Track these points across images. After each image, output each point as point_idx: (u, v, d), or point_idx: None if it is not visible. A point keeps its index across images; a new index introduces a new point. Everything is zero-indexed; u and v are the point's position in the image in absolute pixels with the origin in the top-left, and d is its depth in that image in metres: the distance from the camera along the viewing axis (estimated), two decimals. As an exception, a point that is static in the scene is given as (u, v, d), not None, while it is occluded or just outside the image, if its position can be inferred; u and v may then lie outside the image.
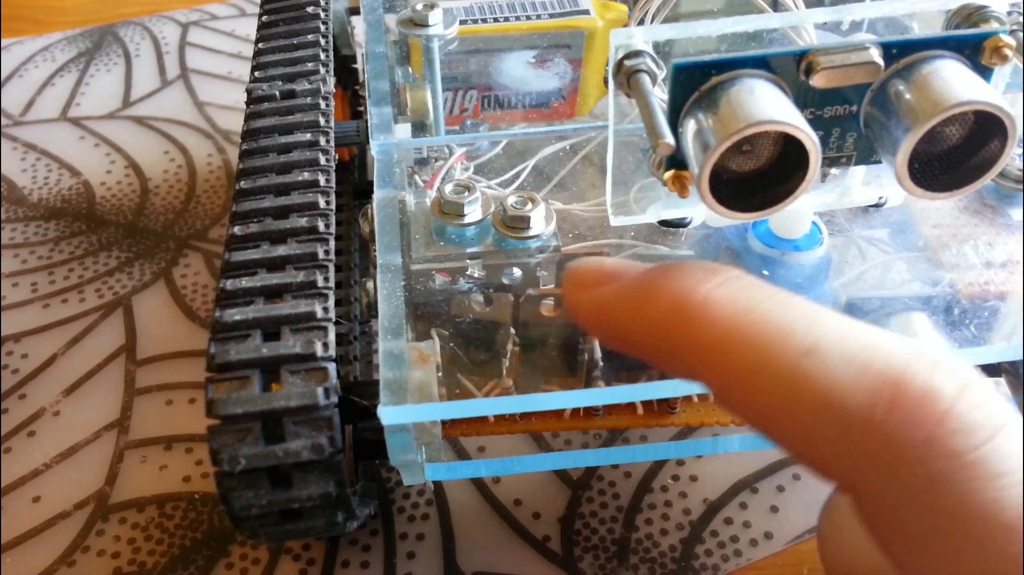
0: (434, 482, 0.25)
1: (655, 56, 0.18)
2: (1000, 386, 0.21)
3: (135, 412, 0.27)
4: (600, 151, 0.27)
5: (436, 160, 0.27)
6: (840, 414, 0.13)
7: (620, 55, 0.18)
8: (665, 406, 0.21)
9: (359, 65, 0.37)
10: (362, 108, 0.36)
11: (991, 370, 0.20)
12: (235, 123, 0.39)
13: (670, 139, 0.16)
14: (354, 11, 0.34)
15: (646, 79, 0.17)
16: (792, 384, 0.13)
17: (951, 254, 0.21)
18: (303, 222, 0.20)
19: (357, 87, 0.37)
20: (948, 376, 0.13)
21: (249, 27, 0.46)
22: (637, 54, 0.18)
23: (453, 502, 0.25)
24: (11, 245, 0.33)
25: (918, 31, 0.21)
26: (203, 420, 0.27)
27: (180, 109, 0.40)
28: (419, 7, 0.29)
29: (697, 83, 0.17)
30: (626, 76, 0.18)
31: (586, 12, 0.31)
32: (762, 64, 0.17)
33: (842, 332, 0.14)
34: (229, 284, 0.18)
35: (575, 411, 0.21)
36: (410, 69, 0.30)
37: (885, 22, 0.20)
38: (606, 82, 0.34)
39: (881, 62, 0.17)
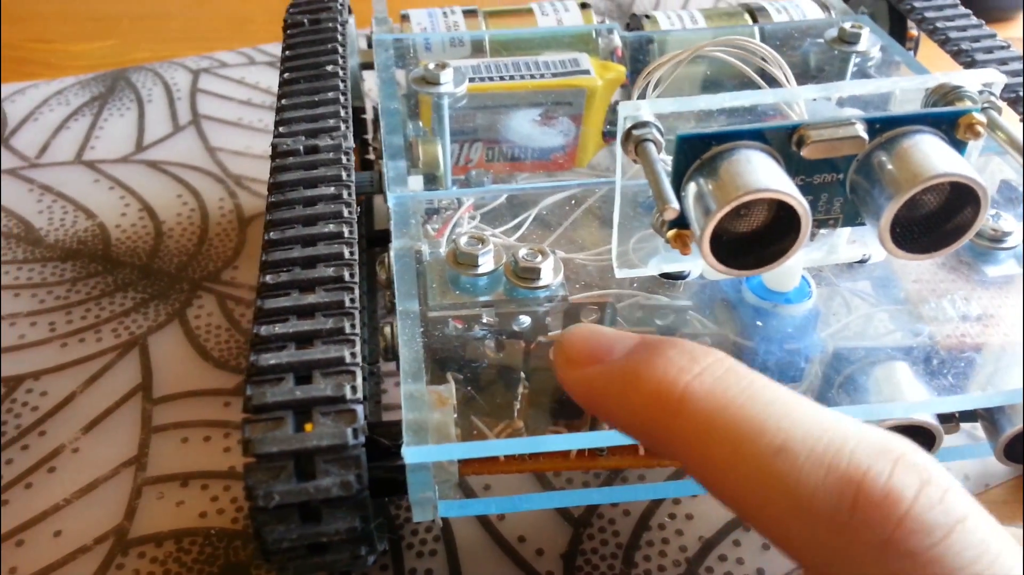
0: (442, 518, 0.26)
1: (660, 126, 0.19)
2: (976, 429, 0.23)
3: (152, 449, 0.28)
4: (599, 203, 0.28)
5: (446, 210, 0.29)
6: (809, 512, 0.14)
7: (628, 125, 0.19)
8: (666, 448, 0.22)
9: (367, 116, 0.39)
10: (370, 157, 0.38)
11: (968, 415, 0.22)
12: (246, 168, 0.40)
13: (676, 205, 0.18)
14: (366, 66, 0.36)
15: (652, 147, 0.19)
16: (765, 482, 0.14)
17: (930, 307, 0.23)
18: (330, 272, 0.21)
19: (366, 136, 0.38)
20: (908, 474, 0.14)
21: (258, 75, 0.47)
22: (644, 124, 0.19)
23: (460, 538, 0.26)
24: (29, 285, 0.34)
25: (898, 101, 0.23)
26: (218, 457, 0.28)
27: (192, 154, 0.41)
28: (431, 67, 0.30)
29: (699, 152, 0.19)
30: (634, 144, 0.19)
31: (587, 72, 0.33)
32: (758, 136, 0.19)
33: (810, 428, 0.15)
34: (263, 330, 0.20)
35: (580, 451, 0.23)
36: (420, 123, 0.32)
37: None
38: (604, 136, 0.36)
39: (866, 136, 0.18)
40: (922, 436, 0.21)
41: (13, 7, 0.55)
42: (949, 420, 0.22)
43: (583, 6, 0.37)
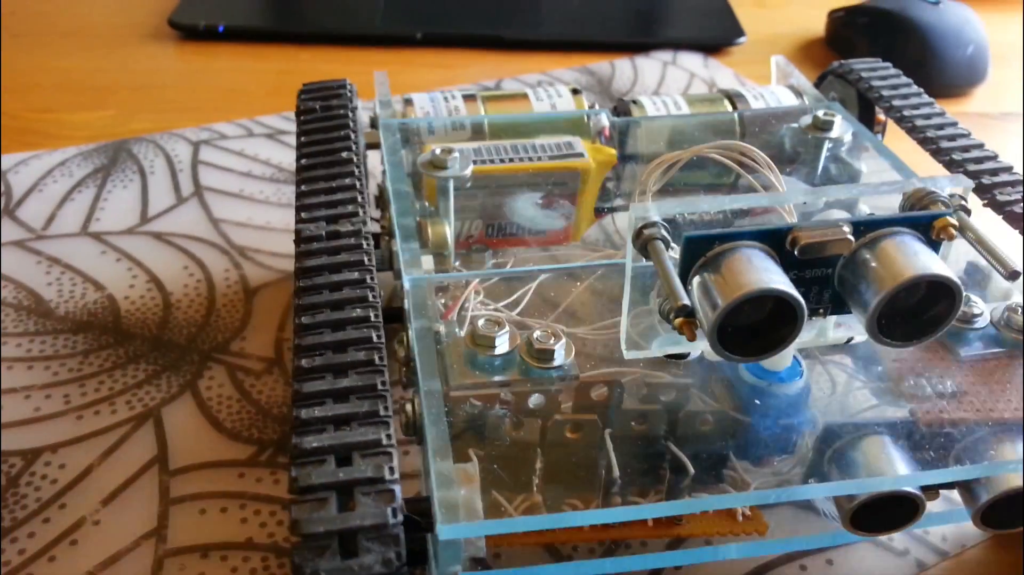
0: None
1: (666, 226, 0.21)
2: (953, 494, 0.25)
3: (171, 521, 0.29)
4: (596, 279, 0.30)
5: (452, 286, 0.31)
6: None
7: (639, 225, 0.21)
8: (673, 518, 0.24)
9: (368, 191, 0.41)
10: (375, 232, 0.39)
11: (947, 484, 0.24)
12: (249, 239, 0.42)
13: (686, 300, 0.20)
14: (370, 146, 0.37)
15: (661, 245, 0.21)
16: None
17: (910, 385, 0.25)
18: (361, 355, 0.23)
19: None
20: None
21: (257, 147, 0.49)
22: (652, 224, 0.21)
23: (473, 604, 0.27)
24: (42, 357, 0.35)
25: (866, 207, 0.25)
26: (235, 528, 0.29)
27: (196, 225, 0.43)
28: (438, 151, 0.33)
29: (703, 250, 0.21)
30: (644, 242, 0.21)
31: (581, 155, 0.35)
32: (756, 236, 0.21)
33: None
34: (304, 413, 0.21)
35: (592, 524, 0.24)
36: (425, 202, 0.34)
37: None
38: (596, 213, 0.39)
39: (852, 238, 0.20)
40: (907, 505, 0.23)
41: (12, 77, 0.57)
42: (931, 489, 0.24)
43: (574, 92, 0.39)
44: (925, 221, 0.21)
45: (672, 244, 0.22)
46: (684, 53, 0.61)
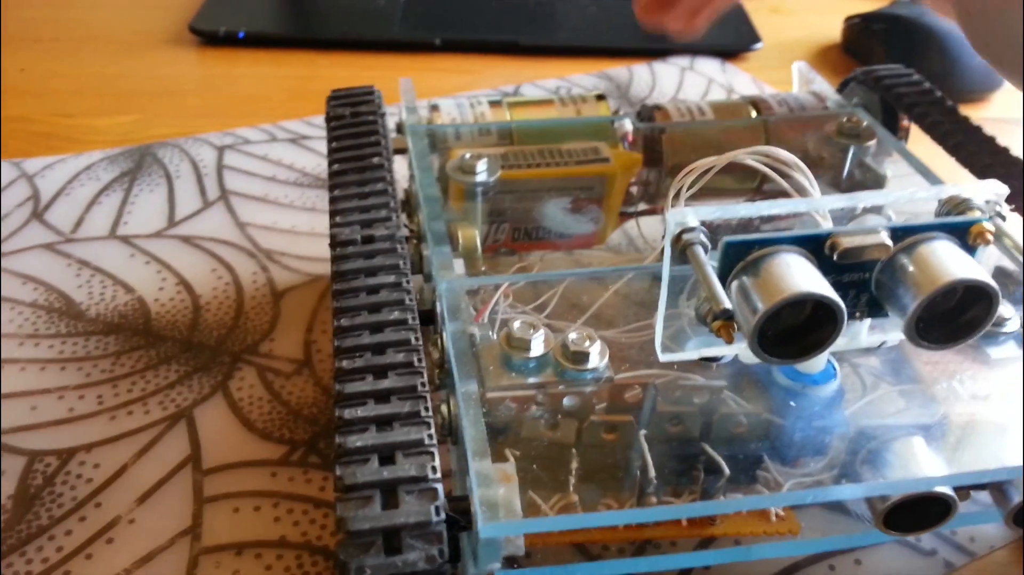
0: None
1: (705, 230, 0.22)
2: (983, 495, 0.25)
3: (205, 519, 0.30)
4: (623, 285, 0.30)
5: (481, 289, 0.31)
6: None
7: (677, 230, 0.22)
8: (707, 518, 0.24)
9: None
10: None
11: (979, 485, 0.24)
12: (276, 243, 0.42)
13: (728, 304, 0.20)
14: (397, 151, 0.38)
15: (701, 250, 0.21)
16: None
17: (942, 387, 0.25)
18: (400, 357, 0.23)
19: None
20: None
21: (281, 152, 0.50)
22: (691, 229, 0.22)
23: (505, 604, 0.27)
24: (74, 359, 0.36)
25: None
26: (269, 527, 0.30)
27: (223, 229, 0.43)
28: (467, 157, 0.33)
29: (742, 255, 0.21)
30: (683, 247, 0.22)
31: (606, 160, 0.35)
32: (795, 241, 0.21)
33: None
34: (347, 413, 0.22)
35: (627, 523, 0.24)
36: (453, 208, 0.34)
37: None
38: (621, 216, 0.39)
39: (890, 243, 0.21)
40: (939, 506, 0.23)
41: (35, 82, 0.57)
42: (962, 489, 0.24)
43: (599, 98, 0.39)
44: (962, 227, 0.21)
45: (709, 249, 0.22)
46: (701, 59, 0.61)
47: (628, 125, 0.38)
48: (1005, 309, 0.27)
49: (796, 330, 0.21)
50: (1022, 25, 0.24)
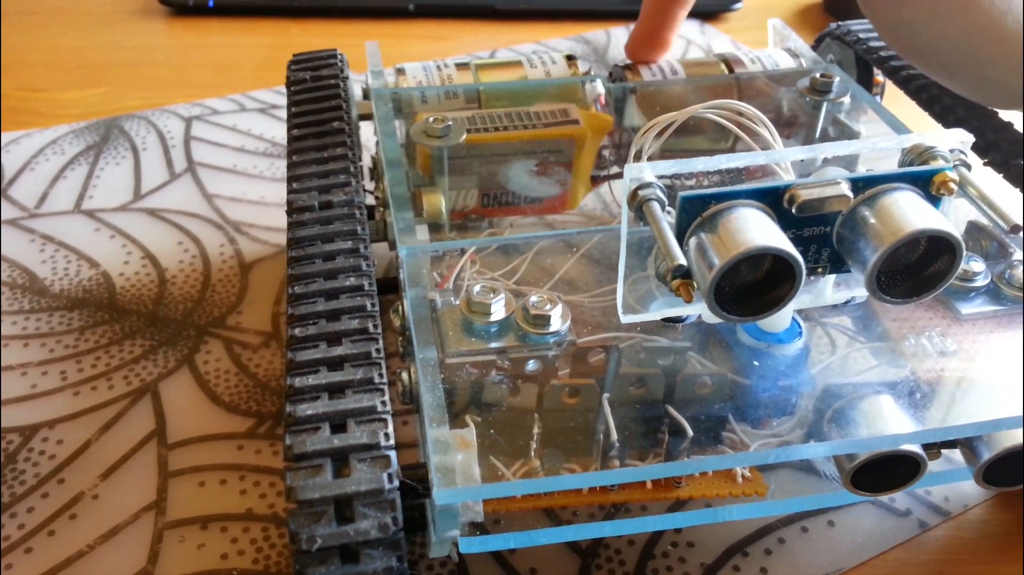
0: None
1: (662, 186, 0.21)
2: (955, 454, 0.24)
3: (170, 494, 0.29)
4: (595, 249, 0.30)
5: (447, 256, 0.30)
6: None
7: (634, 186, 0.21)
8: (672, 481, 0.24)
9: (364, 164, 0.40)
10: (369, 203, 0.39)
11: (949, 443, 0.24)
12: (243, 214, 0.42)
13: (683, 260, 0.19)
14: (363, 117, 0.37)
15: (657, 206, 0.21)
16: None
17: (910, 344, 0.25)
18: (355, 324, 0.23)
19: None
20: None
21: (250, 122, 0.49)
22: (648, 185, 0.21)
23: (474, 572, 0.27)
24: (37, 335, 0.35)
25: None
26: (235, 500, 0.29)
27: (190, 201, 0.42)
28: (431, 120, 0.32)
29: (699, 210, 0.20)
30: (639, 204, 0.21)
31: (576, 122, 0.35)
32: (753, 195, 0.20)
33: None
34: (297, 382, 0.21)
35: (591, 487, 0.24)
36: (419, 171, 0.33)
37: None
38: (592, 180, 0.38)
39: (851, 194, 0.20)
40: (908, 464, 0.23)
41: (2, 56, 0.56)
42: (932, 448, 0.23)
43: (569, 58, 0.38)
44: (925, 176, 0.20)
45: (668, 206, 0.21)
46: (680, 20, 0.60)
47: (600, 87, 0.37)
48: (975, 264, 0.26)
49: (756, 287, 0.21)
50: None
